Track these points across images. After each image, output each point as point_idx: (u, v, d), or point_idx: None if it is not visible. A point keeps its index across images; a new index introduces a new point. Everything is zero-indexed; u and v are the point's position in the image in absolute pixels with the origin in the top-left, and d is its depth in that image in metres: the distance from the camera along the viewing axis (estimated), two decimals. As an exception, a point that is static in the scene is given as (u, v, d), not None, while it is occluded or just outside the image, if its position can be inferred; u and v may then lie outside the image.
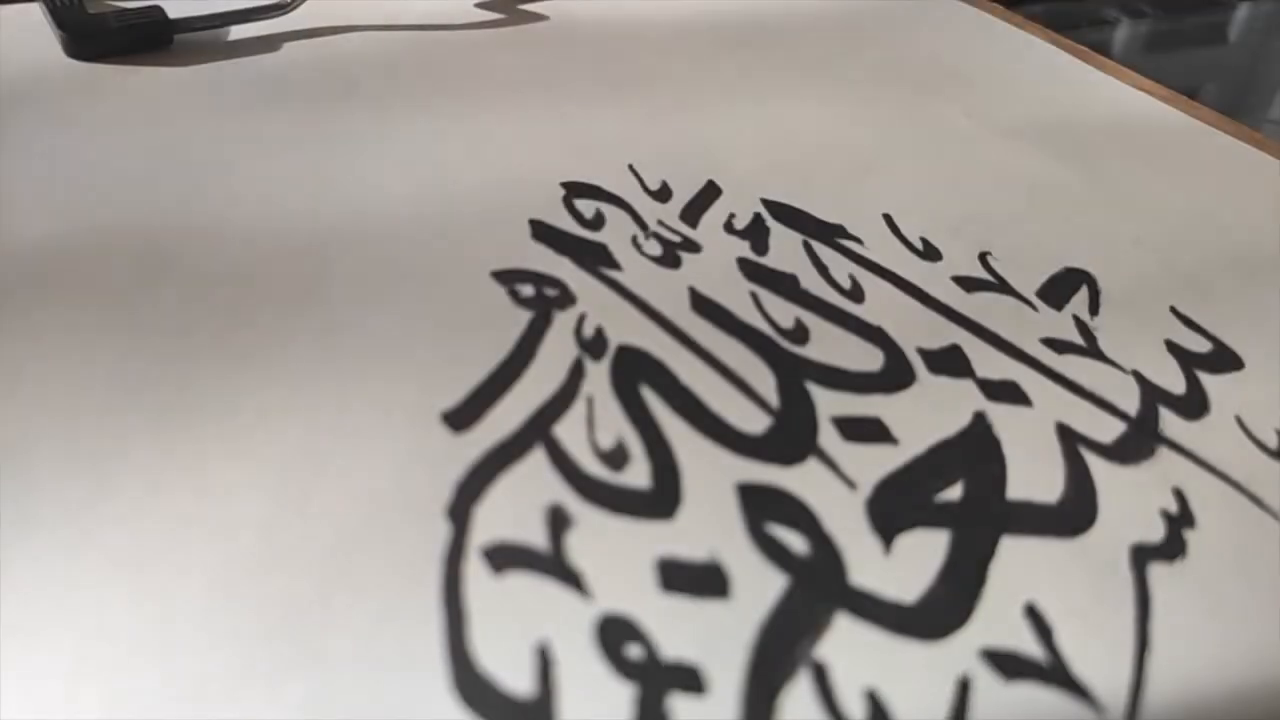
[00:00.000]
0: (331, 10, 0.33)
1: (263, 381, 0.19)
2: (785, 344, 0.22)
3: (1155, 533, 0.19)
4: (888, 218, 0.26)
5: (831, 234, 0.26)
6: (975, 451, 0.20)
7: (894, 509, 0.19)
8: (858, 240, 0.26)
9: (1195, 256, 0.26)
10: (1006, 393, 0.22)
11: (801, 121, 0.30)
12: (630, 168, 0.27)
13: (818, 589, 0.17)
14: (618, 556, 0.17)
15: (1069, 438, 0.21)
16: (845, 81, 0.33)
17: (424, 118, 0.28)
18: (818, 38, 0.36)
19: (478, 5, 0.35)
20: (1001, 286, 0.25)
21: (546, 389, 0.20)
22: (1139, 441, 0.21)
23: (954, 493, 0.19)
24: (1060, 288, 0.25)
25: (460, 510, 0.17)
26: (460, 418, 0.19)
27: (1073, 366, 0.22)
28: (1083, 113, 0.33)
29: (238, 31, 0.31)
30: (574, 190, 0.26)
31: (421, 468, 0.18)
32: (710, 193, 0.27)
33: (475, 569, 0.17)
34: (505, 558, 0.17)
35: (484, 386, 0.20)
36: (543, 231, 0.24)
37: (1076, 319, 0.24)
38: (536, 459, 0.18)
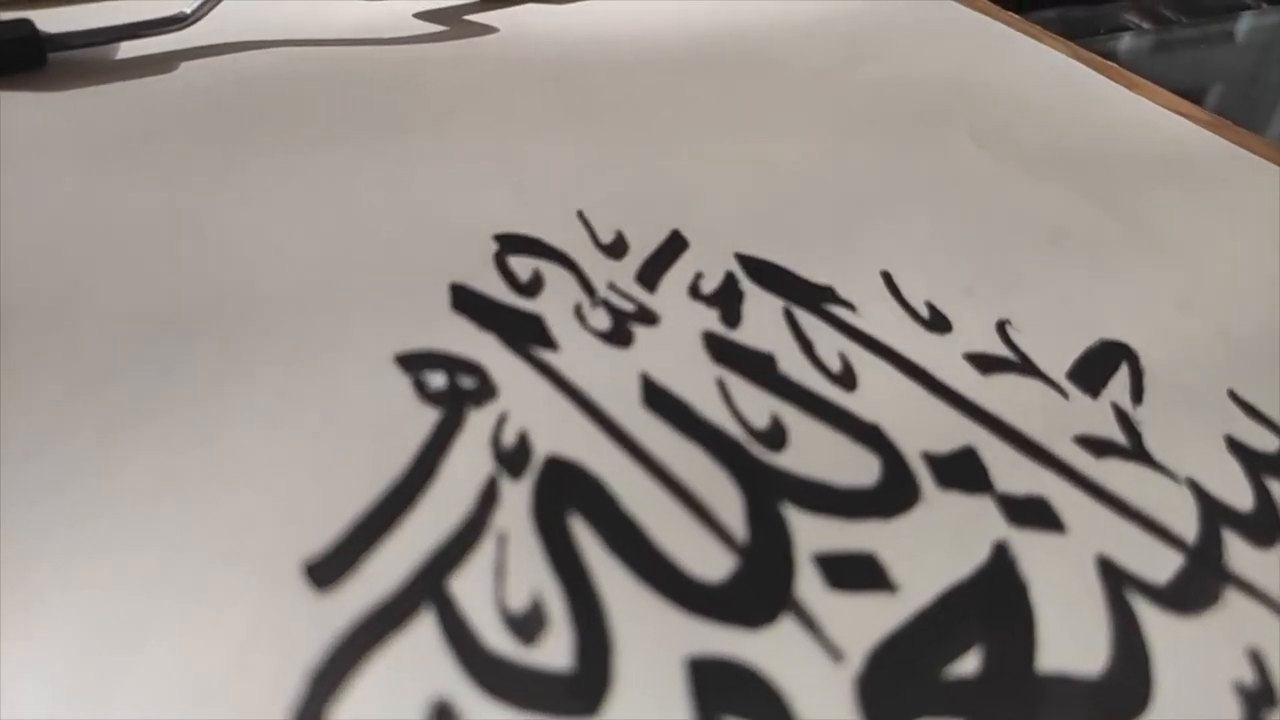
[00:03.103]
0: (241, 23, 0.28)
1: (71, 519, 0.15)
2: (757, 451, 0.18)
3: (1229, 717, 0.15)
4: (886, 276, 0.22)
5: (819, 298, 0.21)
6: (996, 602, 0.16)
7: (892, 691, 0.14)
8: (850, 306, 0.21)
9: (1256, 322, 0.22)
10: (1034, 514, 0.17)
11: (784, 157, 0.26)
12: (579, 215, 0.23)
13: (788, 823, 0.13)
14: (519, 779, 0.13)
15: (1113, 577, 0.16)
16: (836, 107, 0.28)
17: (337, 153, 0.24)
18: (804, 55, 0.31)
19: (416, 16, 0.30)
20: (1024, 366, 0.20)
21: (446, 523, 0.16)
22: (1200, 580, 0.17)
23: (969, 664, 0.15)
24: (1096, 367, 0.20)
25: (309, 716, 0.13)
26: (327, 569, 0.15)
27: (1115, 475, 0.18)
28: (1113, 139, 0.28)
29: (127, 49, 0.27)
30: (509, 245, 0.22)
31: (266, 647, 0.14)
32: (674, 246, 0.22)
33: (321, 807, 0.12)
34: (364, 788, 0.12)
35: (364, 523, 0.15)
36: (465, 300, 0.20)
37: (1117, 408, 0.20)
38: (423, 630, 0.14)
